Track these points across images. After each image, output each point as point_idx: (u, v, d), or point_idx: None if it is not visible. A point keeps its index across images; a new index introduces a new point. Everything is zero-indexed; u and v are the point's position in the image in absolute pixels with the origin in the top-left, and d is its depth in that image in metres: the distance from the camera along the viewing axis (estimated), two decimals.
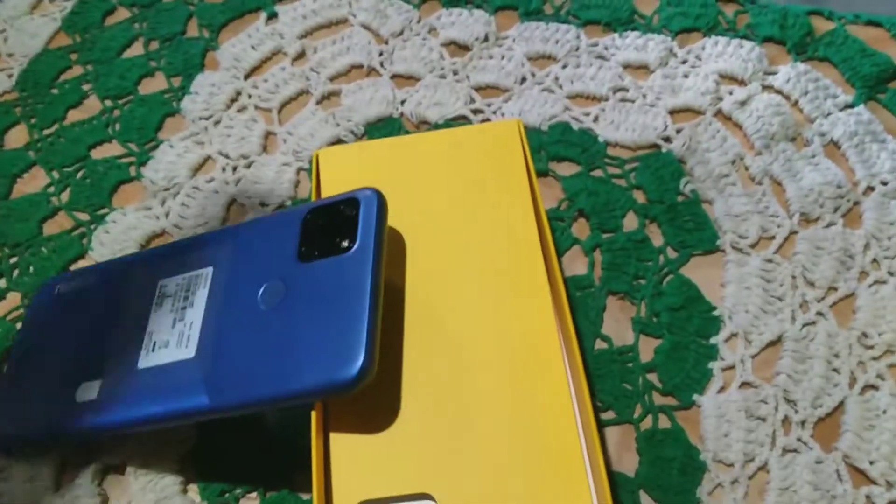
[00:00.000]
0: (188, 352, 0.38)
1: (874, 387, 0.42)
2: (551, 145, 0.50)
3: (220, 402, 0.36)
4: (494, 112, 0.52)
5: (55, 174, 0.52)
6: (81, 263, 0.49)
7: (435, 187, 0.41)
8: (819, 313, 0.44)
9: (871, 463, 0.40)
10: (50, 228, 0.51)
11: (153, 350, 0.40)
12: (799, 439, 0.41)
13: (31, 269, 0.49)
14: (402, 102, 0.53)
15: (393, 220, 0.41)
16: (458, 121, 0.52)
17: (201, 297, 0.40)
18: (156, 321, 0.40)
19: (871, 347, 0.43)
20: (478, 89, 0.53)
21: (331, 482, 0.34)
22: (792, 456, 0.40)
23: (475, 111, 0.52)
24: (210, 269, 0.40)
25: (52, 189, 0.52)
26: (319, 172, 0.42)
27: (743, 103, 0.51)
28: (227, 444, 0.42)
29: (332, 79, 0.55)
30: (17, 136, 0.55)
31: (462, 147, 0.43)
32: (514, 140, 0.42)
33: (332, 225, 0.38)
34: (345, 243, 0.37)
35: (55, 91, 0.56)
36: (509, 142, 0.42)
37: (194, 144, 0.53)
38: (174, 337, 0.39)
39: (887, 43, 0.52)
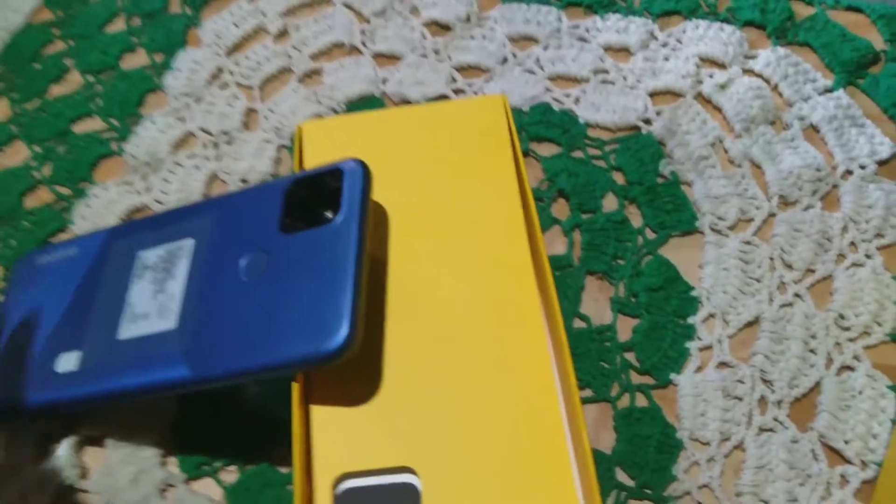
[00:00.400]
0: (169, 323, 0.37)
1: (850, 368, 0.42)
2: (532, 126, 0.50)
3: (202, 374, 0.35)
4: (476, 92, 0.51)
5: (36, 148, 0.52)
6: (62, 237, 0.48)
7: (419, 161, 0.41)
8: (796, 295, 0.44)
9: (847, 442, 0.40)
10: (31, 202, 0.50)
11: (133, 321, 0.39)
12: (775, 419, 0.40)
13: (13, 242, 0.48)
14: (384, 81, 0.52)
15: (376, 194, 0.40)
16: (440, 100, 0.52)
17: (182, 268, 0.39)
18: (136, 292, 0.39)
19: (848, 329, 0.43)
20: (459, 69, 0.53)
21: (312, 455, 0.34)
22: (768, 435, 0.40)
23: (457, 91, 0.52)
24: (191, 241, 0.39)
25: (33, 163, 0.51)
26: (302, 145, 0.42)
27: (723, 86, 0.50)
28: (208, 417, 0.42)
29: (313, 57, 0.54)
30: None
31: (447, 121, 0.42)
32: (498, 115, 0.42)
33: (316, 196, 0.38)
34: (328, 214, 0.37)
35: (37, 65, 0.55)
36: (494, 116, 0.42)
37: (176, 120, 0.52)
38: (154, 308, 0.38)
39: (867, 28, 0.52)
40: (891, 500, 0.38)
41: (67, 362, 0.39)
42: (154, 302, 0.38)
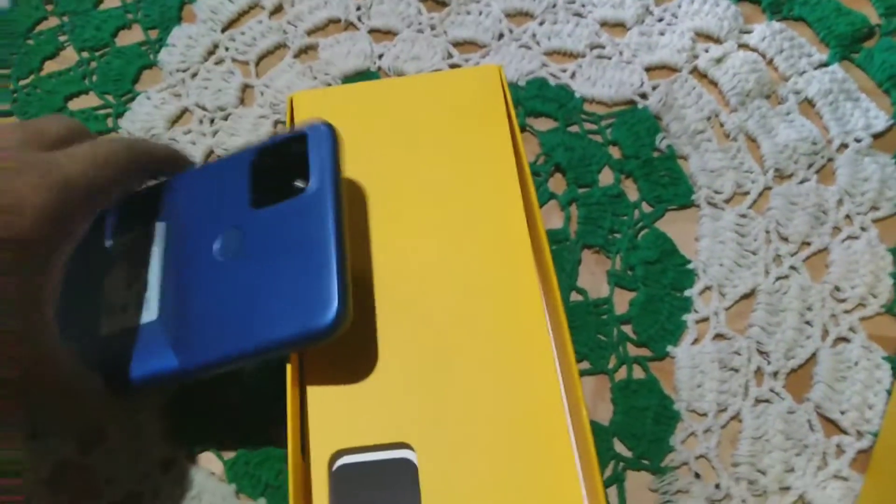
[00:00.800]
0: (150, 314, 0.36)
1: (846, 339, 0.42)
2: (528, 101, 0.50)
3: (191, 363, 0.34)
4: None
5: None
6: None
7: (414, 131, 0.41)
8: (792, 267, 0.44)
9: (842, 413, 0.40)
10: None
11: (113, 315, 0.37)
12: (771, 390, 0.41)
13: None
14: (380, 56, 0.52)
15: (371, 165, 0.40)
16: None
17: (156, 255, 0.37)
18: (111, 285, 0.38)
19: (844, 301, 0.43)
20: (455, 44, 0.52)
21: (307, 432, 0.34)
22: (764, 406, 0.40)
23: (453, 66, 0.51)
24: (161, 224, 0.38)
25: None
26: (294, 116, 0.42)
27: (718, 61, 0.50)
28: (202, 399, 0.42)
29: (309, 32, 0.54)
30: None
31: (442, 91, 0.42)
32: (494, 85, 0.42)
33: (283, 165, 0.36)
34: (299, 184, 0.35)
35: (31, 42, 0.55)
36: (490, 86, 0.42)
37: (171, 96, 0.52)
38: (132, 300, 0.37)
39: (862, 3, 0.52)
40: (886, 470, 0.38)
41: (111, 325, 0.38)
42: (130, 293, 0.37)
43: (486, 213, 0.38)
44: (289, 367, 0.34)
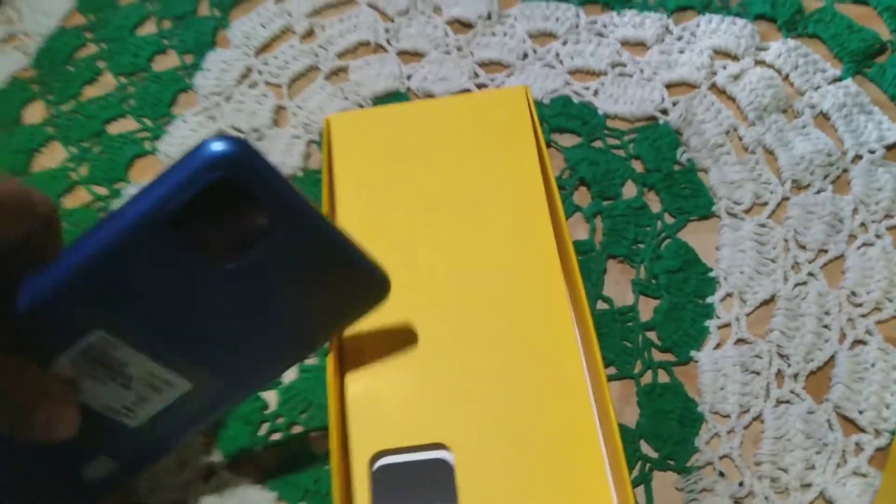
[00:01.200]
0: (182, 385, 0.33)
1: (863, 342, 0.44)
2: (553, 118, 0.52)
3: (246, 392, 0.35)
4: (498, 86, 0.54)
5: (73, 149, 0.54)
6: None
7: (446, 151, 0.43)
8: (810, 274, 0.46)
9: (861, 412, 0.42)
10: (69, 202, 0.53)
11: (135, 413, 0.33)
12: (792, 391, 0.43)
13: None
14: (409, 77, 0.55)
15: (405, 183, 0.43)
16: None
17: (128, 353, 0.31)
18: (108, 396, 0.32)
19: (860, 305, 0.45)
20: (481, 65, 0.55)
21: (348, 434, 0.36)
22: (785, 407, 0.42)
23: (479, 85, 0.55)
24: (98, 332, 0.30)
25: (70, 164, 0.54)
26: (330, 137, 0.44)
27: (736, 77, 0.53)
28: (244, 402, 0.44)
29: (340, 55, 0.57)
30: (35, 112, 0.57)
31: (472, 112, 0.45)
32: (521, 105, 0.45)
33: (218, 212, 0.28)
34: (254, 221, 0.29)
35: (71, 68, 0.58)
36: (517, 107, 0.45)
37: (207, 119, 0.55)
38: (149, 394, 0.33)
39: (874, 20, 0.54)
40: None
41: (98, 468, 0.36)
42: (136, 391, 0.33)
43: (515, 226, 0.41)
44: (329, 369, 0.36)
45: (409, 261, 0.40)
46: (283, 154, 0.52)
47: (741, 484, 0.41)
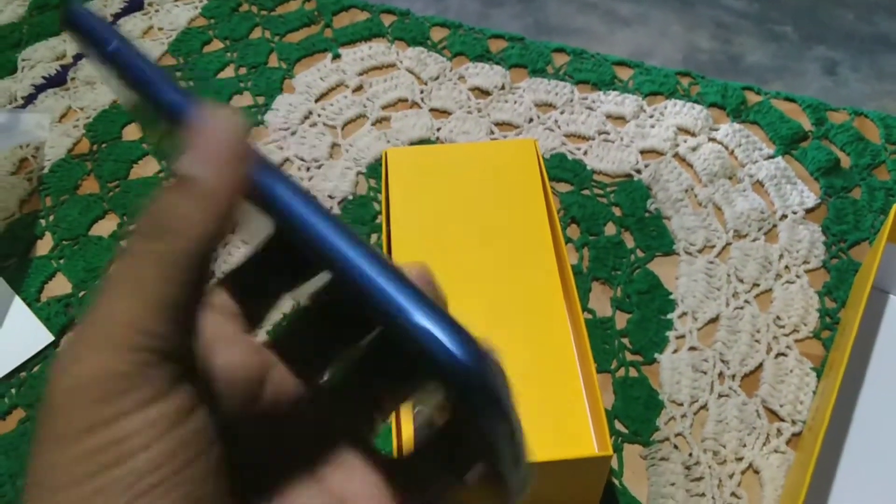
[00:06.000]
0: None
1: (784, 354, 0.53)
2: (551, 170, 0.61)
3: None
4: None
5: (164, 163, 0.61)
6: None
7: (473, 184, 0.51)
8: (746, 301, 0.55)
9: (781, 406, 0.51)
10: None
11: None
12: (730, 388, 0.51)
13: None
14: (438, 129, 0.64)
15: (442, 206, 0.50)
16: None
17: None
18: None
19: (783, 327, 0.54)
20: (496, 124, 0.64)
21: None
22: (725, 399, 0.51)
23: (494, 140, 0.64)
24: None
25: (161, 174, 0.61)
26: (388, 165, 0.51)
27: (694, 149, 0.63)
28: None
29: (383, 107, 0.65)
30: (134, 130, 0.64)
31: (493, 156, 0.53)
32: (531, 154, 0.52)
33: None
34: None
35: None
36: (528, 154, 0.52)
37: (276, 148, 0.62)
38: None
39: (799, 114, 0.65)
40: (809, 447, 0.48)
41: None
42: None
43: (524, 249, 0.48)
44: None
45: (443, 265, 0.45)
46: (338, 181, 0.60)
47: (690, 455, 0.49)
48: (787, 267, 0.57)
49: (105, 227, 0.58)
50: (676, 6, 0.73)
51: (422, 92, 0.66)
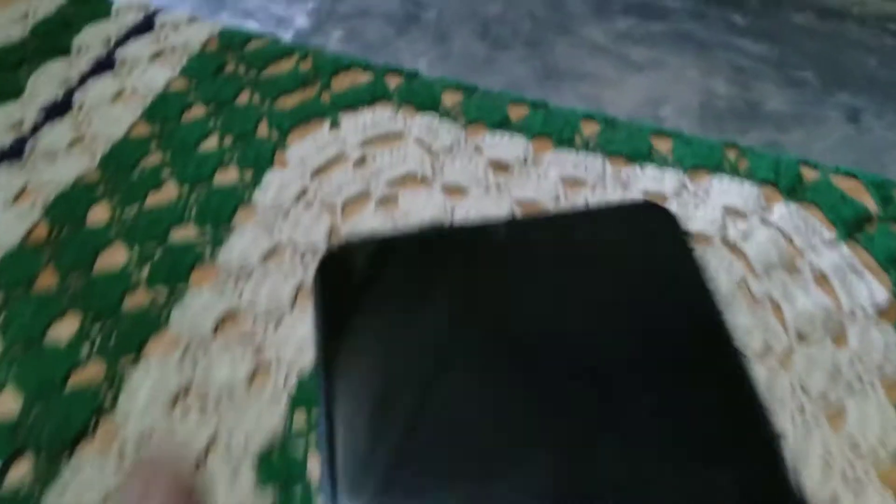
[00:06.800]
0: None
1: (861, 482, 0.46)
2: None
3: None
4: None
5: (135, 251, 0.54)
6: (161, 336, 0.50)
7: None
8: (814, 418, 0.48)
9: None
10: (130, 302, 0.52)
11: None
12: None
13: (113, 338, 0.50)
14: (452, 210, 0.57)
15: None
16: None
17: None
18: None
19: (858, 448, 0.47)
20: (518, 203, 0.58)
21: None
22: None
23: None
24: None
25: (132, 265, 0.54)
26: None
27: (745, 234, 0.56)
28: None
29: (389, 184, 0.59)
30: (99, 214, 0.57)
31: None
32: None
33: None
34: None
35: (135, 174, 0.58)
36: None
37: (265, 232, 0.55)
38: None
39: (862, 193, 0.58)
40: None
41: None
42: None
43: None
44: None
45: None
46: None
47: None
48: (859, 377, 0.50)
49: (64, 328, 0.51)
50: (692, 50, 0.69)
51: (433, 166, 0.59)
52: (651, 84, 0.66)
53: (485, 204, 0.57)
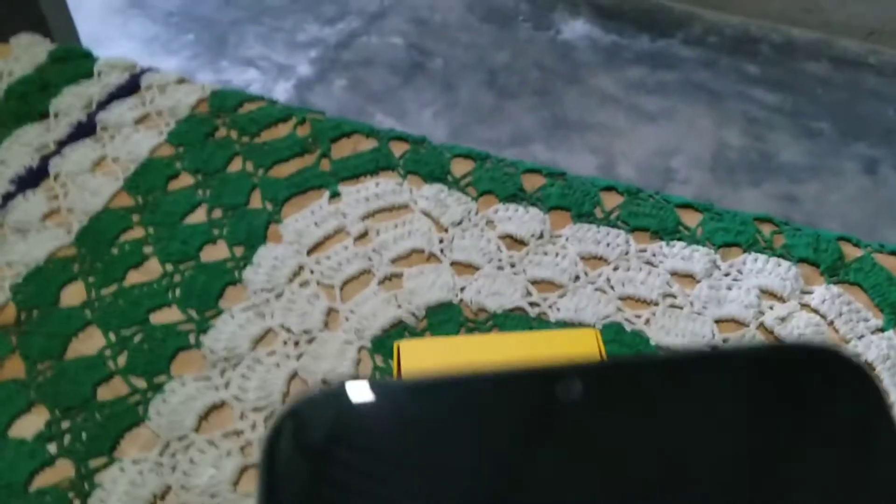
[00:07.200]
0: None
1: None
2: (606, 343, 0.50)
3: None
4: (550, 306, 0.52)
5: (112, 336, 0.49)
6: (137, 432, 0.45)
7: None
8: None
9: None
10: (104, 393, 0.47)
11: None
12: None
13: (84, 435, 0.45)
14: (462, 289, 0.52)
15: None
16: (516, 311, 0.51)
17: None
18: None
19: None
20: (534, 283, 0.53)
21: None
22: None
23: (532, 304, 0.52)
24: None
25: (108, 352, 0.49)
26: (401, 363, 0.40)
27: (783, 319, 0.51)
28: None
29: (393, 261, 0.54)
30: (74, 294, 0.52)
31: (539, 351, 0.41)
32: (591, 347, 0.41)
33: None
34: None
35: (115, 251, 0.53)
36: (587, 349, 0.41)
37: (256, 316, 0.51)
38: None
39: None
40: None
41: None
42: None
43: None
44: None
45: None
46: (335, 360, 0.49)
47: None
48: None
49: (29, 423, 0.46)
50: (705, 100, 0.66)
51: (441, 241, 0.55)
52: (663, 134, 0.63)
53: (498, 284, 0.53)
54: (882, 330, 0.52)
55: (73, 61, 0.67)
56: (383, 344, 0.50)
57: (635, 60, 0.70)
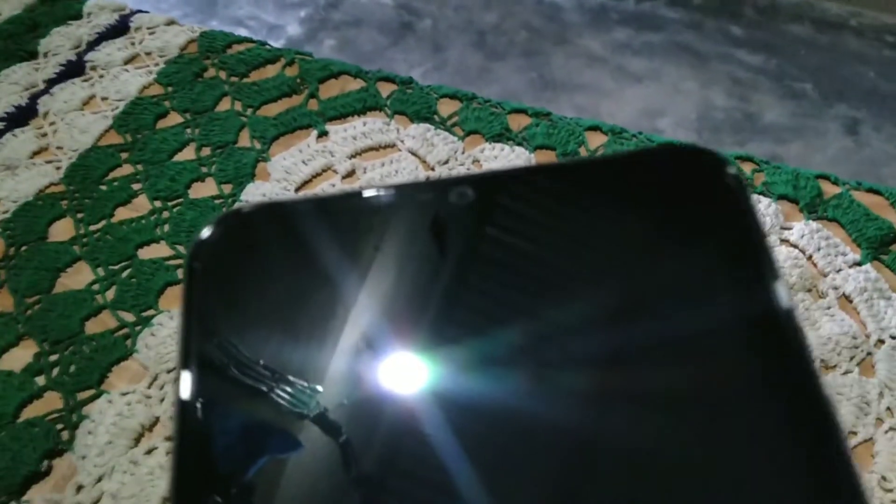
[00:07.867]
0: None
1: None
2: None
3: None
4: None
5: (100, 271, 0.50)
6: (125, 365, 0.46)
7: None
8: None
9: None
10: (93, 327, 0.48)
11: None
12: None
13: (72, 368, 0.46)
14: None
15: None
16: None
17: None
18: None
19: (891, 491, 0.43)
20: None
21: None
22: None
23: None
24: None
25: (96, 287, 0.50)
26: None
27: None
28: None
29: None
30: (63, 230, 0.53)
31: None
32: None
33: None
34: None
35: (104, 188, 0.54)
36: None
37: None
38: None
39: (887, 210, 0.55)
40: None
41: None
42: None
43: None
44: None
45: None
46: None
47: None
48: (888, 409, 0.46)
49: (18, 356, 0.47)
50: (690, 61, 0.66)
51: (428, 179, 0.54)
52: (649, 95, 0.64)
53: None
54: (859, 264, 0.53)
55: (63, 2, 0.67)
56: None
57: (621, 22, 0.71)
